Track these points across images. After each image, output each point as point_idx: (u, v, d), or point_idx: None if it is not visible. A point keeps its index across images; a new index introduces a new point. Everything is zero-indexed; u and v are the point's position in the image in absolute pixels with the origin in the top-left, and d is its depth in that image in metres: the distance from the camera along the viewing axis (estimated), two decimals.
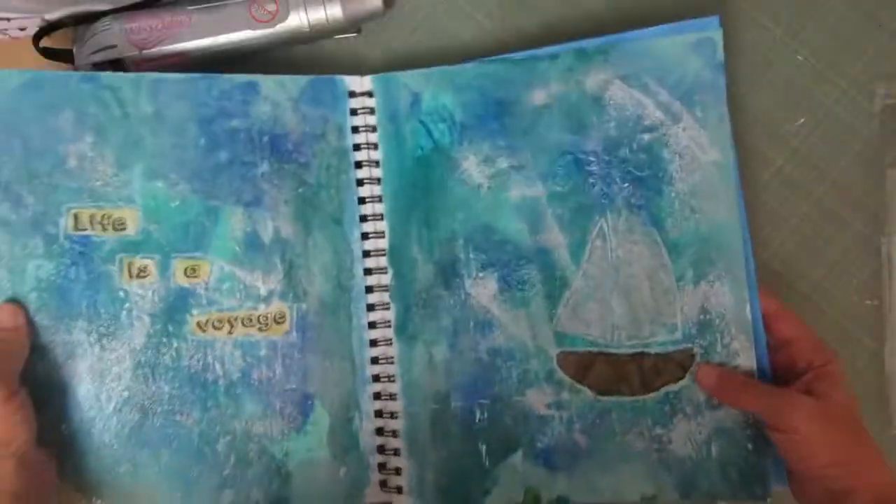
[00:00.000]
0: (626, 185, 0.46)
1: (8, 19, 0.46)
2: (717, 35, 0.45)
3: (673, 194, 0.45)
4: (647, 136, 0.45)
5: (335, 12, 0.47)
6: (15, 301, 0.42)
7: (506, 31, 0.51)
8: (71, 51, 0.48)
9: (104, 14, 0.48)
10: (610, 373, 0.45)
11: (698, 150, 0.45)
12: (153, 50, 0.47)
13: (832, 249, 0.50)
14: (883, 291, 0.49)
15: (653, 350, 0.45)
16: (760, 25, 0.51)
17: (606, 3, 0.51)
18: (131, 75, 0.44)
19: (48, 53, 0.48)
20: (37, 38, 0.47)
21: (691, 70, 0.45)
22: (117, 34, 0.47)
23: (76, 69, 0.48)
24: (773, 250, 0.50)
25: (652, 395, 0.45)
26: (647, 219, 0.45)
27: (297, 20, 0.47)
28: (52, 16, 0.47)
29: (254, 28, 0.47)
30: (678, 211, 0.45)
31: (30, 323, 0.42)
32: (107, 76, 0.44)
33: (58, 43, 0.49)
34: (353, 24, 0.49)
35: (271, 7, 0.47)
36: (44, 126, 0.43)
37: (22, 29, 0.47)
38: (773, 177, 0.50)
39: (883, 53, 0.50)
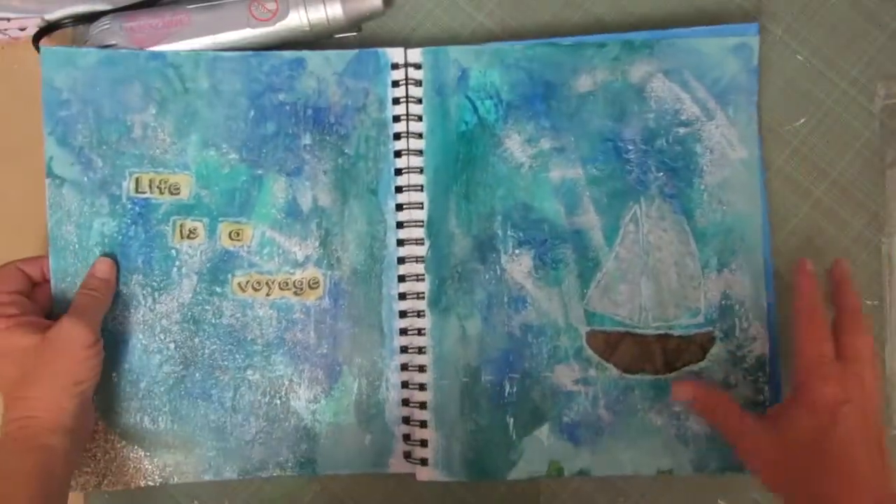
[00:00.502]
0: (661, 174, 0.47)
1: (8, 19, 0.48)
2: (755, 42, 0.48)
3: (702, 187, 0.47)
4: (682, 130, 0.47)
5: (335, 11, 0.48)
6: (110, 256, 0.47)
7: (506, 31, 0.51)
8: None
9: (104, 14, 0.49)
10: (636, 352, 0.46)
11: (728, 147, 0.47)
12: (153, 49, 0.48)
13: (832, 249, 0.50)
14: (883, 291, 0.50)
15: (676, 332, 0.47)
16: (761, 25, 0.50)
17: (607, 4, 0.51)
18: (192, 53, 0.48)
19: None
20: (37, 38, 0.49)
21: (728, 71, 0.48)
22: (117, 34, 0.48)
23: None
24: (773, 250, 0.49)
25: (673, 374, 0.46)
26: (677, 207, 0.47)
27: (297, 19, 0.48)
28: (52, 16, 0.48)
29: (254, 27, 0.48)
30: (706, 202, 0.47)
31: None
32: (171, 54, 0.48)
33: (58, 43, 0.50)
34: (354, 24, 0.49)
35: (271, 6, 0.48)
36: (115, 98, 0.48)
37: (22, 29, 0.49)
38: (773, 177, 0.50)
39: (883, 53, 0.50)
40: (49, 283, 0.47)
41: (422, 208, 0.48)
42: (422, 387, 0.47)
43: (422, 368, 0.47)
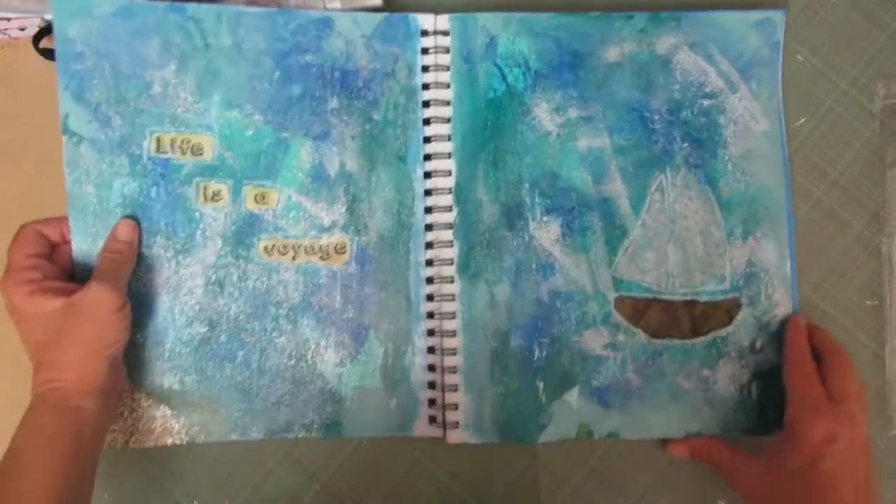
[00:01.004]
0: (686, 144, 0.49)
1: (8, 19, 0.47)
2: (779, 18, 0.50)
3: (726, 157, 0.49)
4: (706, 102, 0.49)
5: (334, 8, 0.48)
6: (132, 217, 0.46)
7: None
8: None
9: None
10: (663, 317, 0.49)
11: (751, 119, 0.50)
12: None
13: (832, 249, 0.51)
14: (883, 291, 0.51)
15: (703, 298, 0.49)
16: None
17: (607, 4, 0.52)
18: (215, 7, 0.47)
19: (48, 53, 0.48)
20: (37, 38, 0.48)
21: (751, 46, 0.50)
22: None
23: None
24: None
25: (700, 339, 0.49)
26: (702, 177, 0.49)
27: None
28: (52, 16, 0.47)
29: None
30: (731, 173, 0.49)
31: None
32: (192, 7, 0.47)
33: None
34: None
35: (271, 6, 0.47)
36: (132, 52, 0.46)
37: (22, 29, 0.49)
38: None
39: (883, 53, 0.52)
40: (69, 245, 0.46)
41: (450, 176, 0.49)
42: (452, 352, 0.48)
43: (451, 334, 0.48)
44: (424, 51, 0.48)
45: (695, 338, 0.48)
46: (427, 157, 0.49)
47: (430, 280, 0.49)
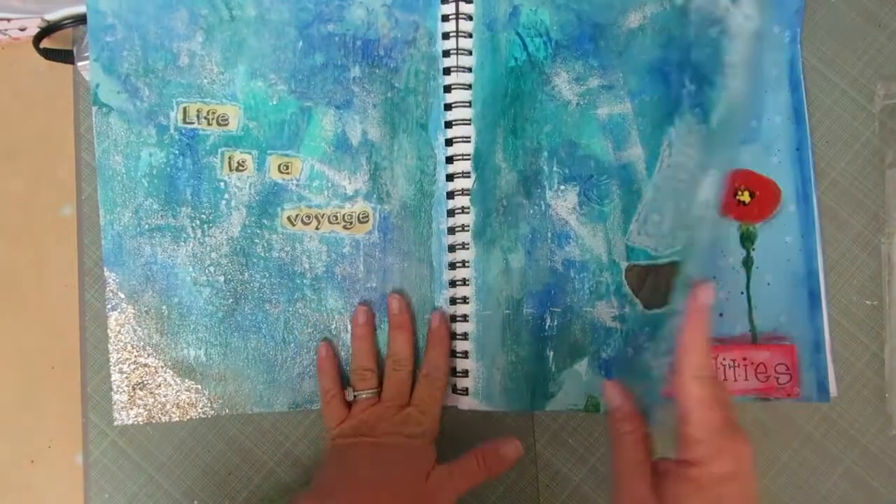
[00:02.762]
0: (693, 85, 0.49)
1: (8, 19, 0.50)
2: None
3: (721, 83, 0.45)
4: (713, 30, 0.47)
5: None
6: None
7: None
8: (71, 51, 0.52)
9: None
10: (653, 284, 0.49)
11: (746, 21, 0.43)
12: None
13: (831, 249, 0.53)
14: (883, 291, 0.52)
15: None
16: None
17: None
18: None
19: (48, 53, 0.51)
20: (37, 38, 0.51)
21: None
22: None
23: (76, 68, 0.52)
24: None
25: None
26: (701, 116, 0.48)
27: None
28: (53, 16, 0.50)
29: None
30: (722, 99, 0.45)
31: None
32: None
33: (58, 43, 0.52)
34: None
35: None
36: (160, 24, 0.50)
37: (22, 29, 0.51)
38: None
39: (883, 53, 0.53)
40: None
41: (469, 142, 0.51)
42: (464, 318, 0.51)
43: (465, 300, 0.51)
44: (445, 18, 0.51)
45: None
46: (448, 125, 0.51)
47: (452, 248, 0.51)
